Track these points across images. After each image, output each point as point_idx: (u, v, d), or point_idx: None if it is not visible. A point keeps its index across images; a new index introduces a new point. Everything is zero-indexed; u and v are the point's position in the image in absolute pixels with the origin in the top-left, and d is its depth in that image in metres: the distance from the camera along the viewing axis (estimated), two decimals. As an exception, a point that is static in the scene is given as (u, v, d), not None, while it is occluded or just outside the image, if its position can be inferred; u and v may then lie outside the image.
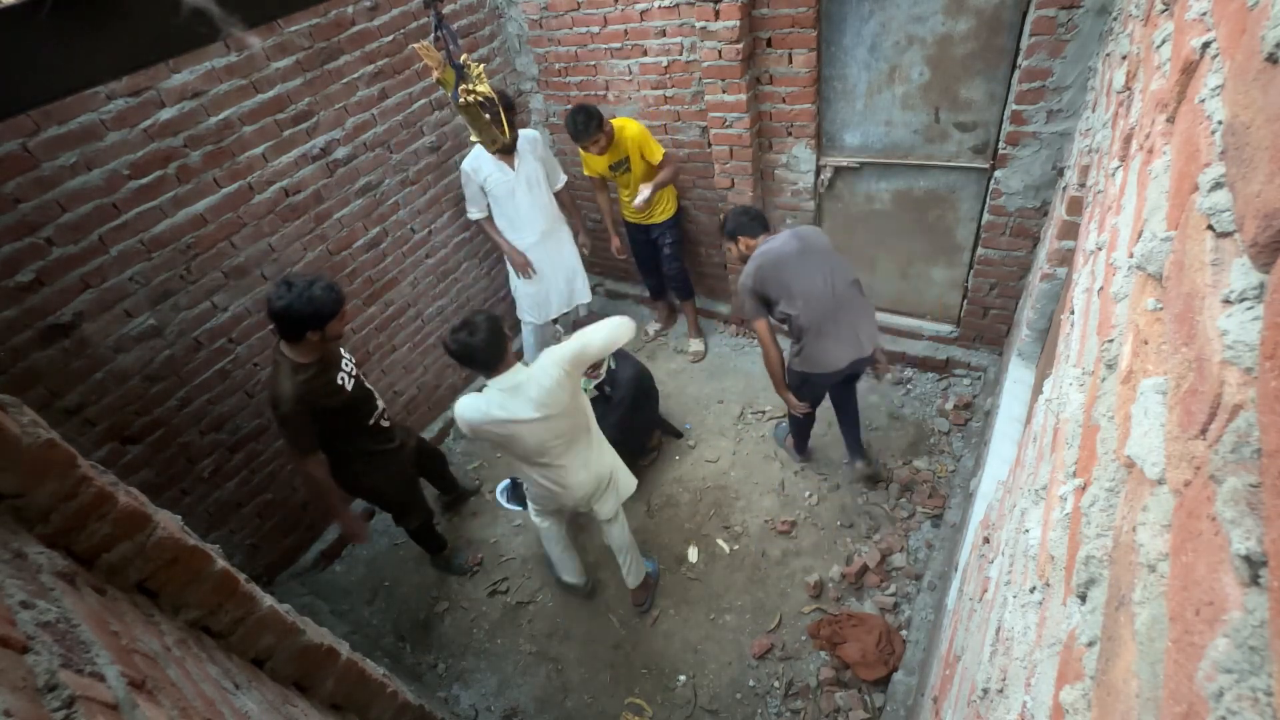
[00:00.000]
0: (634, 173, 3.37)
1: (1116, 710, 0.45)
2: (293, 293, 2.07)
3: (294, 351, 2.21)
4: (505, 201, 3.34)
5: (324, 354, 2.30)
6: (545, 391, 2.12)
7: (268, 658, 1.32)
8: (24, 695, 0.56)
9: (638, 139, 3.26)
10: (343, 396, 2.34)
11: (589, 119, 3.06)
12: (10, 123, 2.02)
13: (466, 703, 2.76)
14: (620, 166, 3.38)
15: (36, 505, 0.88)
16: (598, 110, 3.10)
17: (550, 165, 3.45)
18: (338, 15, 2.83)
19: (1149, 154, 0.80)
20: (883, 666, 2.44)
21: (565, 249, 3.64)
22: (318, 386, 2.25)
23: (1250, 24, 0.45)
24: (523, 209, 3.37)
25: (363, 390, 2.48)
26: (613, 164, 3.37)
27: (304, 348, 2.21)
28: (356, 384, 2.44)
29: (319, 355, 2.27)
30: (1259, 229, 0.37)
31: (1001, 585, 1.08)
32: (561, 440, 2.27)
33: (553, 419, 2.17)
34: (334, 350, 2.37)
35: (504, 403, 2.10)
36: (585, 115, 3.05)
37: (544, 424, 2.16)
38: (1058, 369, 1.20)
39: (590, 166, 3.49)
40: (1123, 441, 0.58)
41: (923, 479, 3.09)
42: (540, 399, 2.12)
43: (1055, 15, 2.33)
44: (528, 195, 3.34)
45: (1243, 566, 0.32)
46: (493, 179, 3.26)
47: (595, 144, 3.16)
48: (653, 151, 3.31)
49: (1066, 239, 2.06)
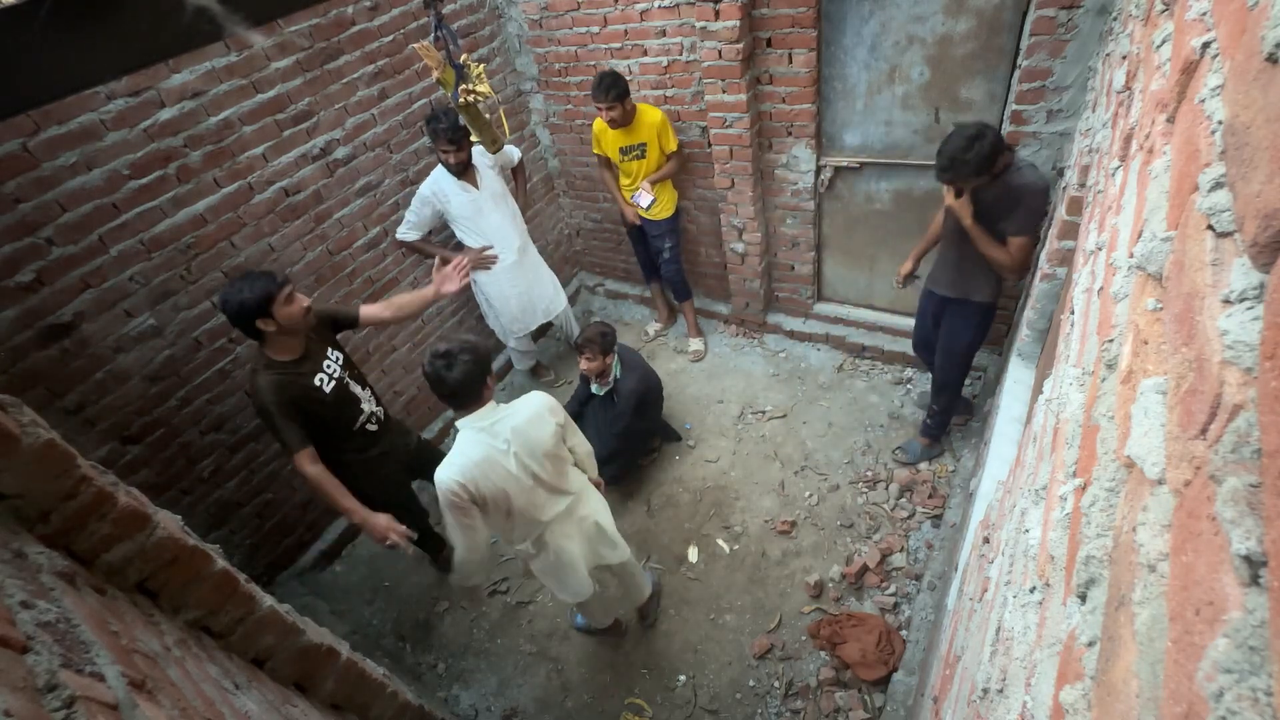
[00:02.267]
0: (647, 160, 3.36)
1: (1116, 710, 0.45)
2: (228, 290, 2.09)
3: (268, 349, 2.21)
4: (475, 220, 3.24)
5: (304, 351, 2.28)
6: (525, 420, 1.97)
7: (268, 658, 1.32)
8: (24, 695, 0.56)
9: (659, 126, 3.25)
10: (321, 398, 2.31)
11: (614, 82, 3.03)
12: (10, 123, 2.02)
13: (466, 703, 2.76)
14: (633, 151, 3.34)
15: (36, 505, 0.88)
16: (627, 84, 3.08)
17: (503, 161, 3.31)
18: (338, 15, 2.83)
19: (1149, 154, 0.80)
20: (883, 666, 2.44)
21: (539, 261, 3.61)
22: (291, 385, 2.22)
23: (1250, 24, 0.45)
24: (494, 224, 3.28)
25: (346, 394, 2.43)
26: (625, 146, 3.33)
27: (274, 344, 2.20)
28: (338, 387, 2.38)
29: (299, 353, 2.26)
30: (1259, 229, 0.37)
31: (1001, 585, 1.08)
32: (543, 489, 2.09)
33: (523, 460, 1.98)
34: (315, 349, 2.34)
35: (477, 440, 1.93)
36: (613, 78, 3.04)
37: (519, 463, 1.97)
38: (1058, 369, 1.20)
39: (600, 144, 3.45)
40: (1123, 441, 0.58)
41: (923, 479, 3.09)
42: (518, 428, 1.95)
43: (1055, 15, 2.33)
44: (496, 210, 3.26)
45: (1243, 566, 0.32)
46: (456, 201, 3.15)
47: (608, 109, 3.10)
48: (670, 141, 3.31)
49: (1066, 239, 2.06)
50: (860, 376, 3.71)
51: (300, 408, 2.24)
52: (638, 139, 3.29)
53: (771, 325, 4.03)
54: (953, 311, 2.72)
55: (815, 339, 3.93)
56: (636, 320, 4.57)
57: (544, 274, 3.66)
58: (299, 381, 2.25)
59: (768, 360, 3.95)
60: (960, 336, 2.72)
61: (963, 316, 2.68)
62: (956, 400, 3.04)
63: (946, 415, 3.08)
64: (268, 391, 2.16)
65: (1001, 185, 2.29)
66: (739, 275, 3.86)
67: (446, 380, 1.85)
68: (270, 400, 2.16)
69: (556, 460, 2.11)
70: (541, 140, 4.12)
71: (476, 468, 1.91)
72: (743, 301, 4.00)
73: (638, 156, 3.36)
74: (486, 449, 1.93)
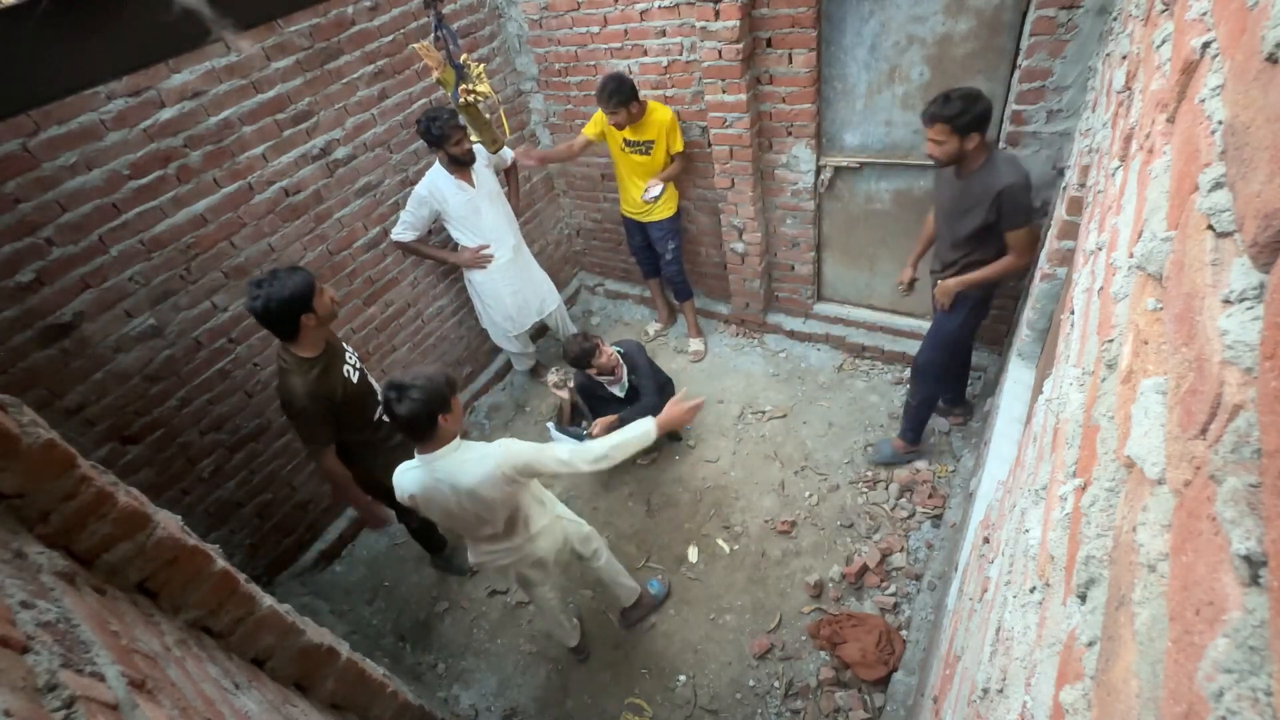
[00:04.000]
0: (652, 159, 3.35)
1: (1116, 710, 0.45)
2: (264, 288, 2.06)
3: (297, 348, 2.21)
4: (471, 220, 3.26)
5: (328, 344, 2.30)
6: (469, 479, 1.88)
7: (268, 658, 1.32)
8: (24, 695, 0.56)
9: (668, 125, 3.25)
10: (349, 388, 2.36)
11: (618, 88, 3.02)
12: (10, 123, 2.02)
13: (466, 703, 2.76)
14: (639, 147, 3.33)
15: (36, 505, 0.88)
16: (635, 87, 3.08)
17: (498, 161, 3.36)
18: (338, 15, 2.83)
19: (1149, 154, 0.80)
20: (883, 666, 2.44)
21: (531, 260, 3.64)
22: (327, 379, 2.26)
23: (1250, 24, 0.45)
24: (489, 223, 3.30)
25: (366, 384, 2.49)
26: (631, 140, 3.31)
27: (305, 341, 2.20)
28: (361, 376, 2.46)
29: (322, 348, 2.27)
30: (1259, 229, 0.37)
31: (1001, 585, 1.08)
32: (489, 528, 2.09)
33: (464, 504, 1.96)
34: (336, 342, 2.38)
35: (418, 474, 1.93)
36: (616, 83, 3.03)
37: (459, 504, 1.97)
38: (1058, 369, 1.20)
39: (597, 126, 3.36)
40: (1123, 441, 0.58)
41: (923, 479, 3.09)
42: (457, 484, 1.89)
43: (1055, 15, 2.33)
44: (492, 209, 3.29)
45: (1243, 566, 0.32)
46: (454, 200, 3.16)
47: (612, 115, 3.12)
48: (677, 142, 3.31)
49: (1066, 239, 2.06)
50: (860, 376, 3.71)
51: (331, 403, 2.27)
52: (646, 135, 3.29)
53: (771, 325, 4.03)
54: None
55: (815, 339, 3.93)
56: (637, 320, 4.57)
57: (536, 273, 3.68)
58: (330, 376, 2.27)
59: (768, 360, 3.95)
60: (943, 324, 2.75)
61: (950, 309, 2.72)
62: (932, 397, 2.97)
63: (922, 413, 3.01)
64: (303, 393, 2.18)
65: (980, 185, 2.30)
66: (739, 275, 3.86)
67: (394, 413, 1.79)
68: (305, 400, 2.18)
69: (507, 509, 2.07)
70: (542, 140, 4.12)
71: (421, 492, 1.94)
72: (743, 301, 4.00)
73: (643, 153, 3.35)
74: (426, 483, 1.93)
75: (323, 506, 3.34)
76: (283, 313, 2.08)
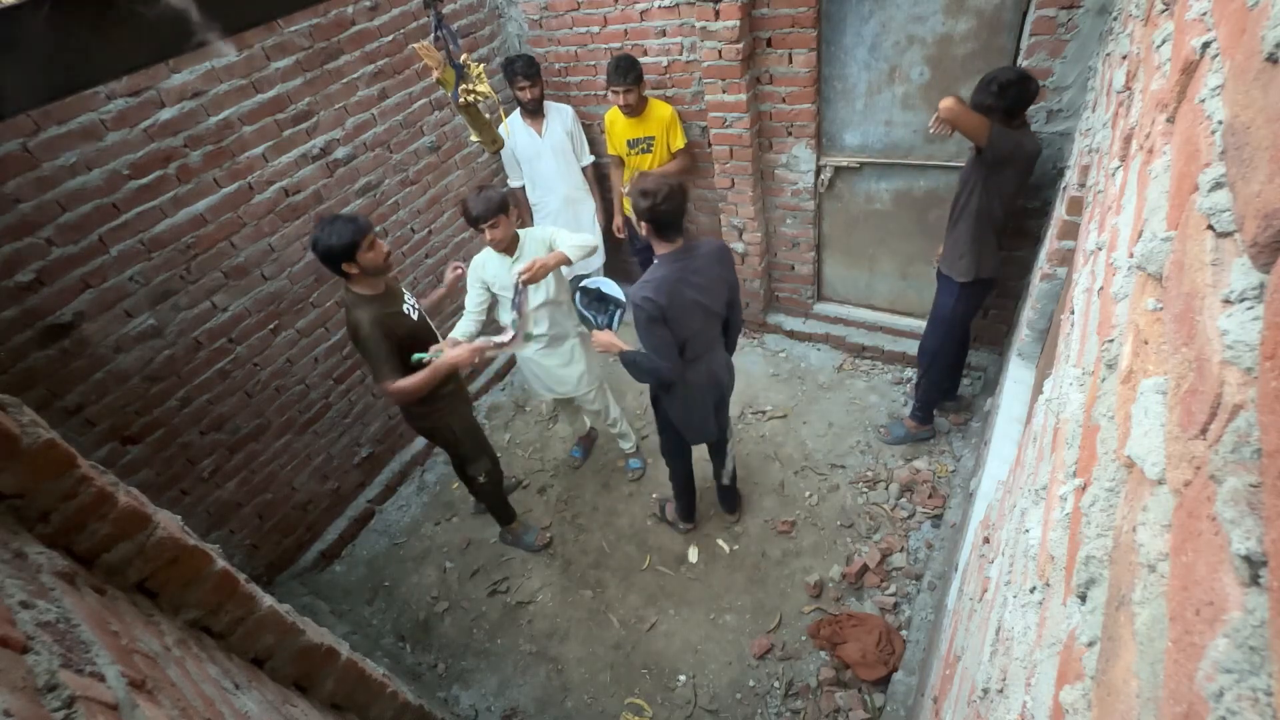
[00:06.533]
0: (654, 155, 3.37)
1: (1116, 710, 0.45)
2: (321, 230, 2.16)
3: (357, 285, 2.28)
4: (532, 163, 3.58)
5: (387, 288, 2.36)
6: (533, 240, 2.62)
7: (268, 658, 1.32)
8: (24, 695, 0.56)
9: (669, 121, 3.27)
10: (409, 325, 2.39)
11: (632, 65, 3.05)
12: (10, 123, 2.02)
13: (466, 703, 2.76)
14: (640, 145, 3.35)
15: (36, 505, 0.88)
16: (640, 68, 3.09)
17: (579, 140, 3.62)
18: (338, 15, 2.83)
19: (1149, 154, 0.80)
20: (883, 666, 2.44)
21: (585, 220, 3.79)
22: (384, 314, 2.31)
23: (1250, 24, 0.45)
24: (546, 173, 3.57)
25: (426, 324, 2.53)
26: (633, 139, 3.34)
27: (360, 282, 2.27)
28: (421, 316, 2.51)
29: (381, 289, 2.33)
30: (1259, 229, 0.37)
31: (1001, 585, 1.08)
32: None
33: None
34: (395, 286, 2.44)
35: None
36: (630, 61, 3.06)
37: None
38: (1058, 369, 1.20)
39: (611, 139, 3.46)
40: (1123, 441, 0.58)
41: (923, 479, 3.09)
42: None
43: (1055, 15, 2.33)
44: (553, 161, 3.54)
45: (1243, 566, 0.32)
46: (522, 142, 3.50)
47: (625, 93, 3.10)
48: (678, 138, 3.32)
49: (1066, 239, 2.06)
50: (860, 376, 3.71)
51: (394, 336, 2.31)
52: (646, 132, 3.30)
53: (771, 325, 4.03)
54: (940, 284, 2.86)
55: (815, 339, 3.93)
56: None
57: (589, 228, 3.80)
58: (390, 310, 2.34)
59: (768, 360, 3.95)
60: (941, 307, 2.89)
61: (947, 291, 2.82)
62: (939, 373, 3.08)
63: (931, 393, 3.13)
64: (367, 322, 2.24)
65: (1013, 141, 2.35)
66: (739, 275, 3.86)
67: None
68: (369, 328, 2.25)
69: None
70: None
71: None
72: (743, 301, 4.00)
73: (644, 150, 3.36)
74: None
75: (323, 506, 3.34)
76: (328, 258, 2.17)
